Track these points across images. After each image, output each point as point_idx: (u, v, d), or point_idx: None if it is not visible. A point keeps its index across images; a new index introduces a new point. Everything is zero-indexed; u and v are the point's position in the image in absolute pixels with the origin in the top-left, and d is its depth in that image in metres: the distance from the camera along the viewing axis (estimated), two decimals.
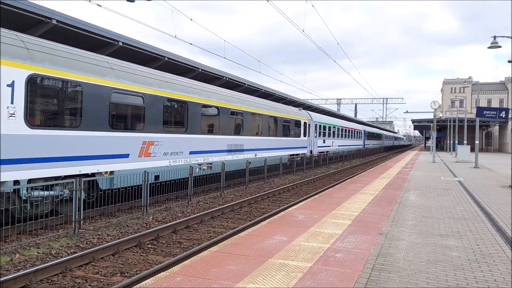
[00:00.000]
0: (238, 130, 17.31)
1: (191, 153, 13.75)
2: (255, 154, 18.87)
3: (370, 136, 56.44)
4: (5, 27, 8.81)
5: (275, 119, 21.73)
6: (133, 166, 10.97)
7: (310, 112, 29.09)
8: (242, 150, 17.43)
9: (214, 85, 18.67)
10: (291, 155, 23.91)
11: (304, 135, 26.35)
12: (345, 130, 39.45)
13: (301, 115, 26.24)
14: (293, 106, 29.04)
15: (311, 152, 27.65)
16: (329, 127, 32.89)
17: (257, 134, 19.31)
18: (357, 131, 45.73)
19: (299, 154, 25.28)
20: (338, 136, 36.08)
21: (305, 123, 26.57)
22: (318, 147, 29.57)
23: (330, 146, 33.23)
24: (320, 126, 30.13)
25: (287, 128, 23.45)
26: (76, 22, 11.50)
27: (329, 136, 32.87)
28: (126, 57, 14.04)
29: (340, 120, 39.87)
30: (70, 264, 6.54)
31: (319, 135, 29.86)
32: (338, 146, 36.23)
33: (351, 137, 42.51)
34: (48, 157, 8.60)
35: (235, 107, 17.03)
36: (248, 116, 18.23)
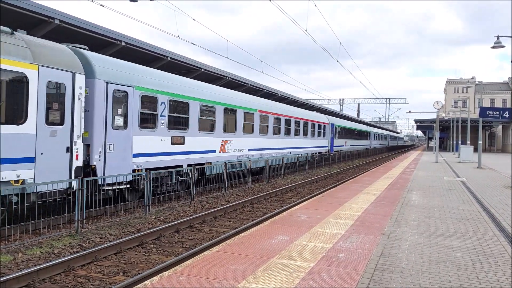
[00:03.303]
0: None
1: None
2: None
3: (345, 133, 37.99)
4: (9, 26, 8.82)
5: None
6: None
7: (89, 54, 10.15)
8: None
9: (217, 85, 18.67)
10: None
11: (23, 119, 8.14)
12: (274, 118, 20.89)
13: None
14: None
15: (74, 170, 9.21)
16: (212, 109, 14.92)
17: None
18: (312, 125, 27.87)
19: None
20: (247, 132, 18.02)
21: (22, 78, 8.05)
22: (139, 156, 11.32)
23: (213, 150, 15.06)
24: (156, 100, 11.95)
25: None
26: (79, 22, 11.54)
27: (211, 129, 14.94)
28: (129, 57, 14.07)
29: (258, 99, 20.30)
30: (73, 263, 6.55)
31: (169, 124, 12.52)
32: (249, 150, 18.12)
33: (297, 134, 24.73)
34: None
35: None
36: None
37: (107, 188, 10.05)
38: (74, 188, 8.72)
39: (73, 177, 9.10)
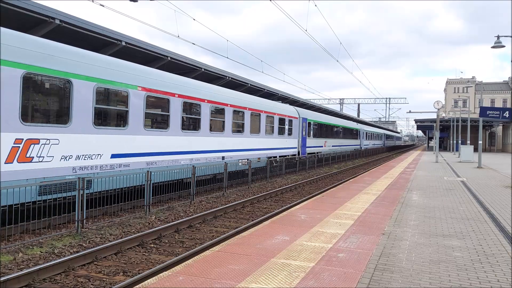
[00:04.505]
0: None
1: None
2: None
3: (324, 130, 30.18)
4: (9, 27, 8.83)
5: None
6: None
7: None
8: None
9: (218, 84, 18.67)
10: None
11: None
12: (185, 104, 13.10)
13: None
14: None
15: None
16: None
17: None
18: (268, 118, 20.04)
19: None
20: (110, 125, 10.25)
21: None
22: None
23: None
24: None
25: None
26: (79, 22, 11.54)
27: None
28: (129, 57, 14.06)
29: (144, 69, 11.70)
30: (73, 263, 6.55)
31: None
32: (113, 157, 10.15)
33: (239, 131, 17.00)
34: None
35: None
36: None
37: None
38: None
39: None
